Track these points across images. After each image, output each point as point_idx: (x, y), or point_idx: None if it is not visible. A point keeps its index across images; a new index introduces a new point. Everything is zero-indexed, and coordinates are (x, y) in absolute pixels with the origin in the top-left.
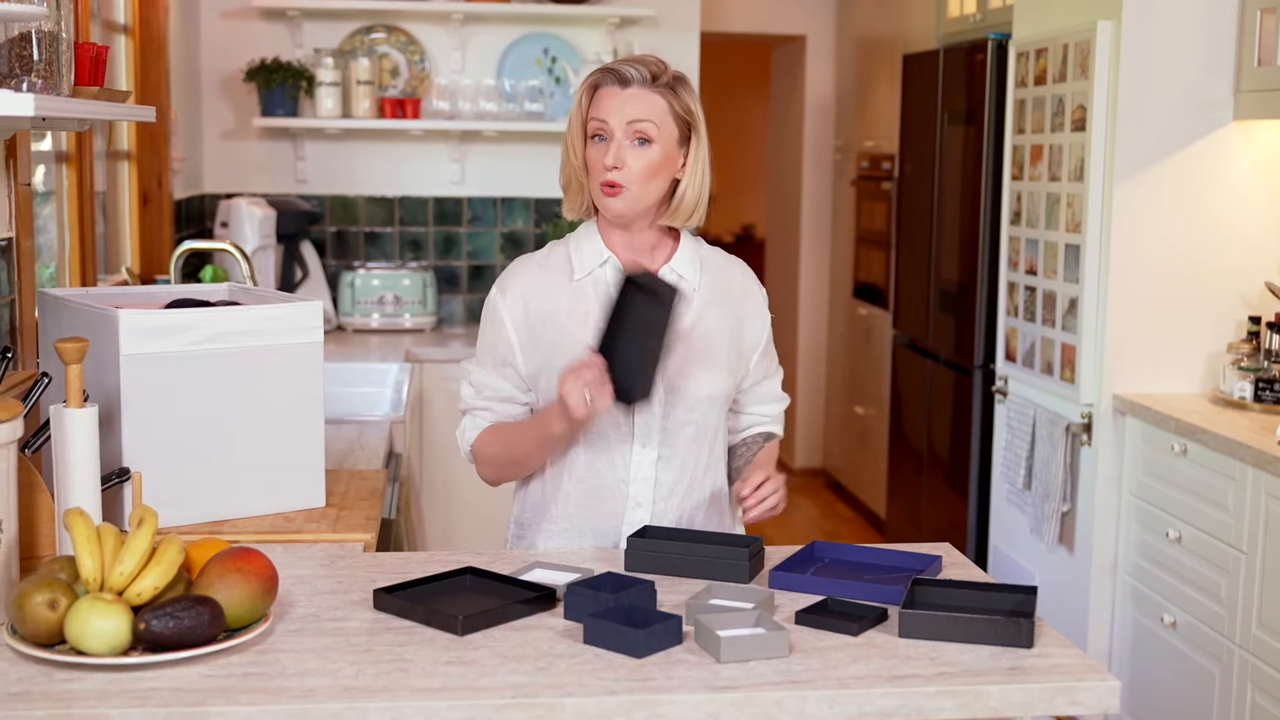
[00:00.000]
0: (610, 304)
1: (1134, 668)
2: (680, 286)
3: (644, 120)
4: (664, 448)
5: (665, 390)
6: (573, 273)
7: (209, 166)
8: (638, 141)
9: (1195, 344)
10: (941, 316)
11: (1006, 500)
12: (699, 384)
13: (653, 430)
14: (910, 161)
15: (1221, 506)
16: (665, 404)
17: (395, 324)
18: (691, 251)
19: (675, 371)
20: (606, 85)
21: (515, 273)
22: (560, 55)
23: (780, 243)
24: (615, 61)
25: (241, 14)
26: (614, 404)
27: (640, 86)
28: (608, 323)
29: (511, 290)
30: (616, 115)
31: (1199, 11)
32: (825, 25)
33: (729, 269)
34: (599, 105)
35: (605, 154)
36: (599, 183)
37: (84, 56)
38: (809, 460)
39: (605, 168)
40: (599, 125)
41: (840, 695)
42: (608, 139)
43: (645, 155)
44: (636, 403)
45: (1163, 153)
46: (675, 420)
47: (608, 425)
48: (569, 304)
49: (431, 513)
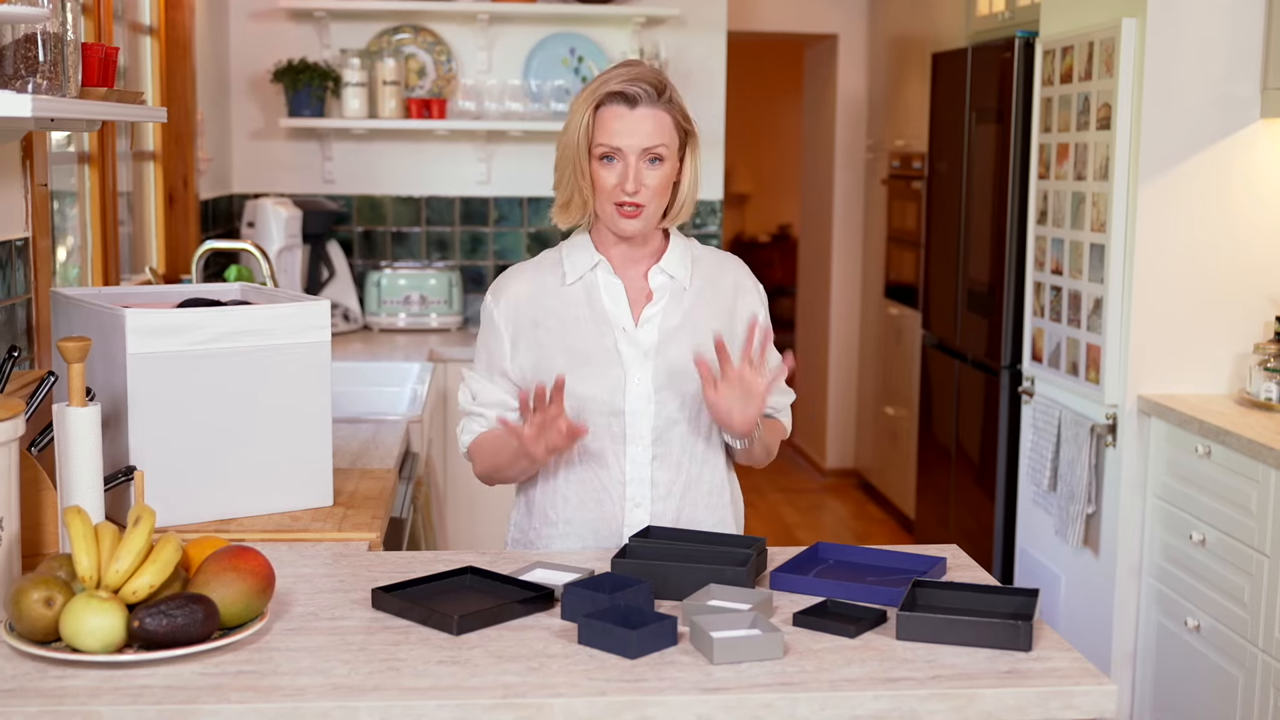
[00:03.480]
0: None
1: (1158, 671)
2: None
3: (659, 145)
4: (658, 446)
5: (655, 389)
6: (564, 277)
7: (237, 167)
8: (649, 161)
9: (1221, 344)
10: (970, 317)
11: (1032, 502)
12: (691, 380)
13: (645, 430)
14: (940, 161)
15: (1244, 509)
16: (656, 402)
17: (421, 323)
18: (682, 250)
19: (666, 370)
20: (613, 105)
21: (508, 279)
22: (586, 55)
23: (813, 242)
24: (617, 79)
25: (269, 15)
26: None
27: (648, 106)
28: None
29: (504, 296)
30: (628, 139)
31: (1225, 8)
32: (857, 24)
33: (721, 266)
34: (607, 128)
35: (618, 175)
36: (613, 203)
37: (92, 58)
38: (840, 461)
39: (625, 192)
40: (611, 150)
41: (832, 698)
42: (619, 161)
43: (658, 174)
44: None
45: (1188, 151)
46: (666, 418)
47: (600, 427)
48: (560, 308)
49: (454, 513)
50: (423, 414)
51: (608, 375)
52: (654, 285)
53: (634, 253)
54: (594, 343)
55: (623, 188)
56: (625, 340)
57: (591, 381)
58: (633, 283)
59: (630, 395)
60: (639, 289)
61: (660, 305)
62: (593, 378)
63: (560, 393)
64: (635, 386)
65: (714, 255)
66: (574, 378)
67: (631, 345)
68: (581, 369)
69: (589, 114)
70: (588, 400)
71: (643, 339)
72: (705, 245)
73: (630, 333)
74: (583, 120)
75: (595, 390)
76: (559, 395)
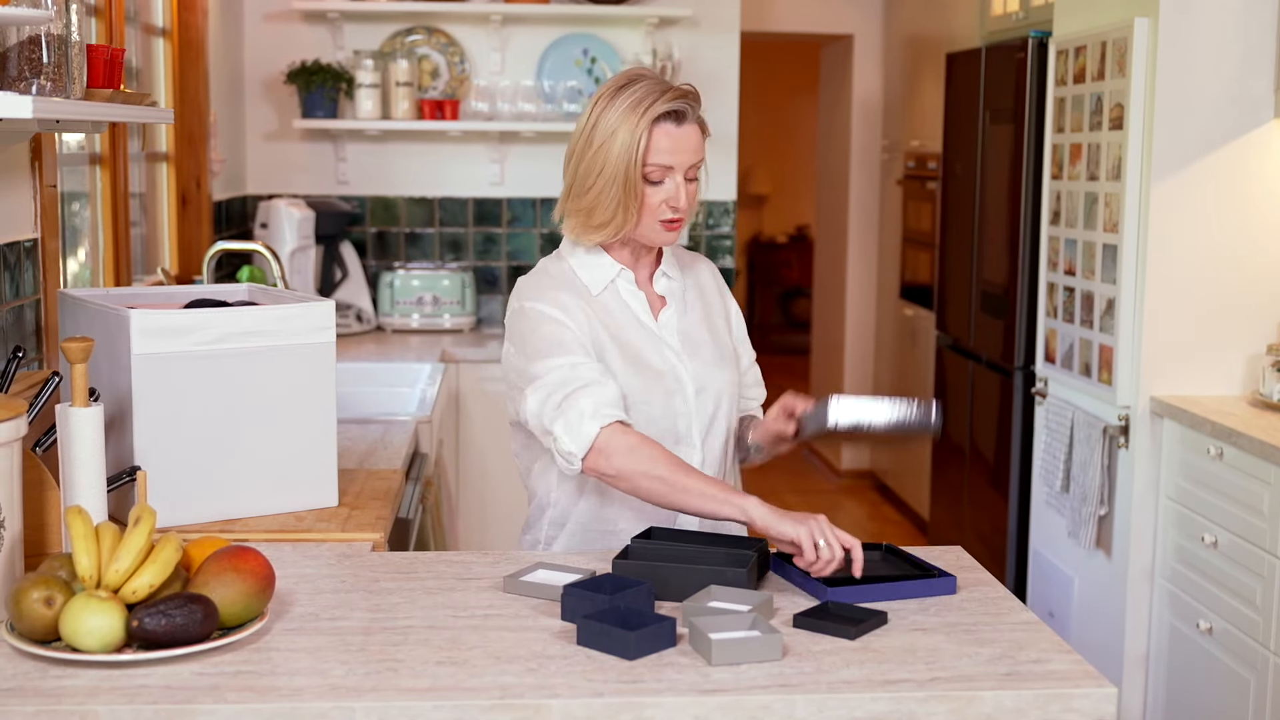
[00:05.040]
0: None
1: (1170, 673)
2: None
3: (701, 160)
4: (706, 450)
5: (696, 392)
6: (589, 289)
7: (251, 168)
8: (689, 177)
9: (1235, 345)
10: (984, 318)
11: (1045, 503)
12: (720, 378)
13: (696, 435)
14: (955, 161)
15: (1256, 511)
16: (698, 403)
17: (435, 324)
18: (669, 252)
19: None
20: (664, 124)
21: (537, 285)
22: (600, 56)
23: (829, 243)
24: (662, 96)
25: (283, 17)
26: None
27: (691, 122)
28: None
29: (550, 292)
30: (679, 157)
31: (1238, 8)
32: (873, 24)
33: (696, 263)
34: (658, 147)
35: (666, 193)
36: (658, 220)
37: (97, 59)
38: (856, 463)
39: (676, 209)
40: (661, 170)
41: (829, 699)
42: (665, 181)
43: (696, 186)
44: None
45: (1201, 151)
46: (708, 417)
47: (664, 433)
48: (602, 316)
49: (466, 513)
50: (432, 414)
51: (664, 381)
52: (660, 290)
53: (642, 260)
54: (644, 349)
55: (671, 204)
56: (664, 346)
57: (655, 386)
58: (643, 289)
59: (682, 399)
60: (650, 295)
61: (673, 309)
62: (656, 382)
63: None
64: (685, 390)
65: (685, 254)
66: (641, 381)
67: (669, 350)
68: (644, 372)
69: (644, 134)
70: (652, 406)
71: (672, 343)
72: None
73: (662, 338)
74: (636, 140)
75: (658, 396)
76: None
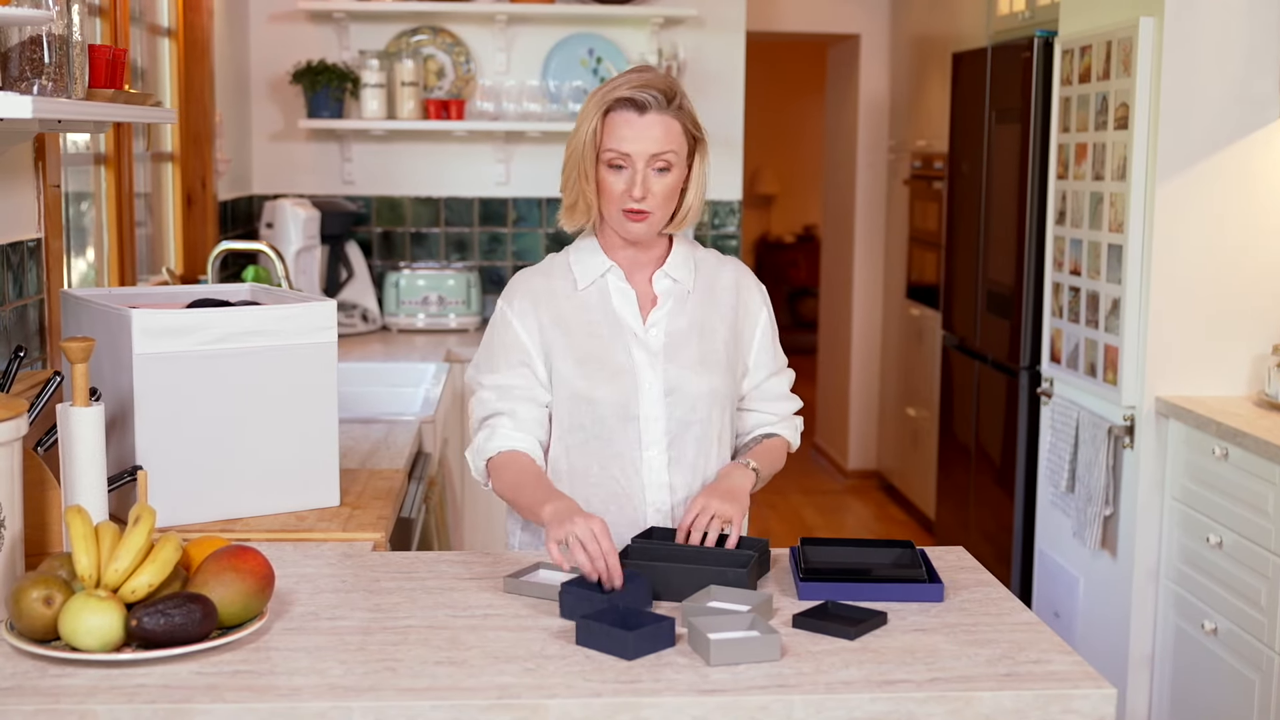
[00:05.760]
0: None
1: (1175, 674)
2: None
3: (667, 151)
4: (672, 450)
5: (665, 392)
6: (576, 283)
7: (257, 168)
8: (657, 168)
9: (1240, 345)
10: (990, 318)
11: (1050, 503)
12: (699, 382)
13: (658, 434)
14: (961, 161)
15: (1262, 512)
16: (667, 405)
17: (440, 324)
18: (685, 254)
19: (675, 373)
20: (622, 111)
21: (520, 283)
22: (605, 56)
23: (835, 243)
24: (627, 84)
25: (288, 17)
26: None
27: (657, 112)
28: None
29: (518, 299)
30: (637, 145)
31: (1242, 7)
32: (879, 24)
33: (720, 266)
34: (615, 134)
35: (625, 182)
36: (620, 209)
37: (99, 59)
38: (862, 462)
39: (632, 198)
40: (619, 156)
41: (828, 700)
42: (626, 167)
43: (666, 180)
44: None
45: (1206, 151)
46: (678, 421)
47: (615, 433)
48: (572, 313)
49: (472, 513)
50: (436, 414)
51: (621, 380)
52: (658, 289)
53: (640, 257)
54: (607, 348)
55: (629, 194)
56: (637, 345)
57: (606, 386)
58: (639, 287)
59: (644, 400)
60: (645, 294)
61: (666, 309)
62: (607, 383)
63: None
64: (648, 391)
65: (714, 257)
66: (588, 383)
67: (643, 350)
68: (596, 374)
69: (598, 119)
70: (601, 405)
71: (651, 343)
72: (707, 249)
73: (640, 337)
74: (591, 125)
75: (610, 395)
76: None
